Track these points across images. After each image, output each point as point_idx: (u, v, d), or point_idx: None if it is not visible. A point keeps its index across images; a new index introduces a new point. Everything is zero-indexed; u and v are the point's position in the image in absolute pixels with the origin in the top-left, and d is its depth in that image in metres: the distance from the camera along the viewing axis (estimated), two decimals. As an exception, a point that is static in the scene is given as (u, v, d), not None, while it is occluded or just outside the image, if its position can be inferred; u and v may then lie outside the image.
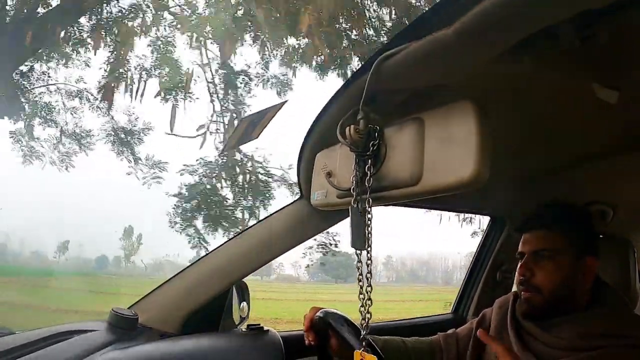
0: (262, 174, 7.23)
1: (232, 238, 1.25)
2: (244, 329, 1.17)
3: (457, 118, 0.64)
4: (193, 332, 1.17)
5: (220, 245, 1.25)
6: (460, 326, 1.34)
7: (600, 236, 1.75)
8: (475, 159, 0.60)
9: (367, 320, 0.75)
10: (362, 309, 0.75)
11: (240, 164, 7.16)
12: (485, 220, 2.05)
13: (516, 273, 1.15)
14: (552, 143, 1.14)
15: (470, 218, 7.73)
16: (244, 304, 1.36)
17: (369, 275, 0.73)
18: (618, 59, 0.70)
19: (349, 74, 6.78)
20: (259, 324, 1.17)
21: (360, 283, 0.74)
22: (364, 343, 0.78)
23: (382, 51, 0.68)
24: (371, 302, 0.74)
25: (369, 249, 0.73)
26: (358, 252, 0.75)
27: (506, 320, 1.18)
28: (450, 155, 0.63)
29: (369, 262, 0.73)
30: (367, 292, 0.74)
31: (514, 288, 1.22)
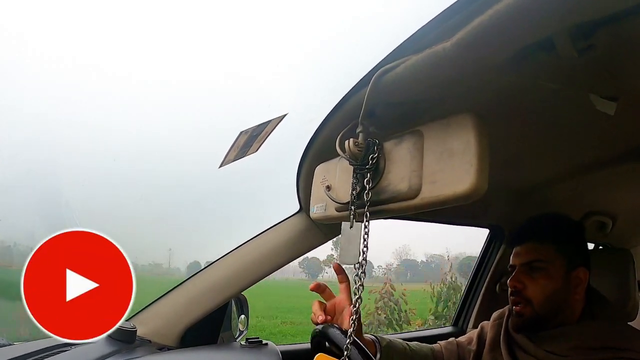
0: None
1: (231, 251, 1.25)
2: (242, 342, 1.16)
3: (456, 130, 0.64)
4: (191, 345, 1.16)
5: (220, 258, 1.25)
6: None
7: (600, 247, 1.75)
8: (474, 171, 0.60)
9: (353, 328, 0.73)
10: (352, 326, 0.74)
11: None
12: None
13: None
14: (550, 154, 1.15)
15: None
16: (243, 317, 1.35)
17: (361, 287, 0.73)
18: (615, 69, 0.70)
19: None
20: (258, 337, 1.16)
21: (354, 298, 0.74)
22: (347, 353, 0.76)
23: (381, 64, 0.68)
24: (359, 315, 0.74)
25: (363, 262, 0.73)
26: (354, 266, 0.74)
27: (500, 335, 1.18)
28: (449, 167, 0.63)
29: (362, 275, 0.72)
30: (357, 305, 0.73)
31: None
